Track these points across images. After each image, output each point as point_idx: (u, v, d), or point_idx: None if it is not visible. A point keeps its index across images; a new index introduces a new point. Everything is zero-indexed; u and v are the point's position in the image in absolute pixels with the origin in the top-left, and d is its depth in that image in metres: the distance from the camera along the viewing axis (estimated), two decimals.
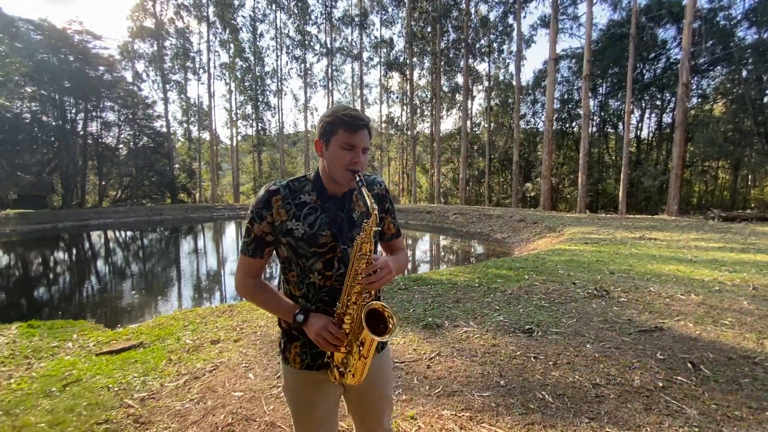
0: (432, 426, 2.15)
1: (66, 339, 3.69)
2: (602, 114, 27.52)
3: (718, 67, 21.24)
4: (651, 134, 26.95)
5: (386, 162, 41.37)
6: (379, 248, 1.30)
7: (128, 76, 30.46)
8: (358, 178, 1.08)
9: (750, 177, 25.55)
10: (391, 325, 1.04)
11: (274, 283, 1.28)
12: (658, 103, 25.74)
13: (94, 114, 28.11)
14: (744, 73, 18.91)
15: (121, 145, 30.74)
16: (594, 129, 27.50)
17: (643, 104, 26.26)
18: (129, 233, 20.08)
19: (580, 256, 7.50)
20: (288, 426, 2.12)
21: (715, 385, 2.52)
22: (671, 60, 22.95)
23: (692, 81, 19.52)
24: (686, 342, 3.23)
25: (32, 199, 23.84)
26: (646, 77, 24.26)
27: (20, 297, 8.56)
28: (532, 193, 27.04)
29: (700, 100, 22.58)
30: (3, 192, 22.43)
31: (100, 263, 12.83)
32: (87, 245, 17.04)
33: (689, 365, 2.79)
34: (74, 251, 15.68)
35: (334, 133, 1.09)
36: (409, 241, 16.32)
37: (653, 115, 26.69)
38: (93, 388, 2.56)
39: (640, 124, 26.77)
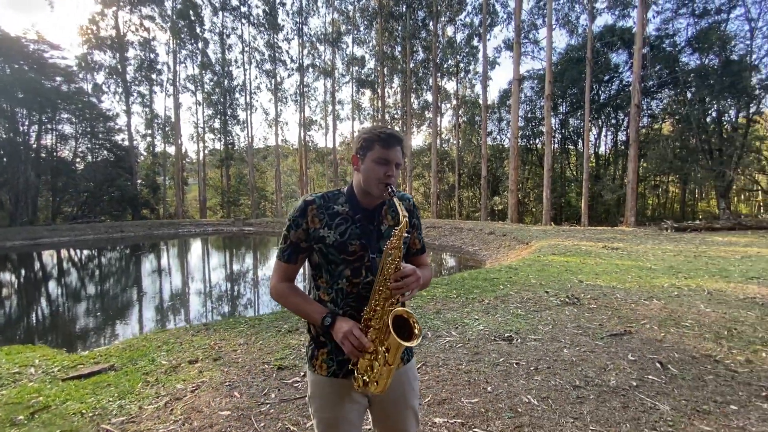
0: None
1: (27, 364, 3.43)
2: (563, 131, 29.05)
3: (666, 90, 23.10)
4: (608, 151, 28.69)
5: None
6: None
7: (88, 87, 29.17)
8: (390, 190, 1.14)
9: (697, 191, 27.62)
10: (416, 331, 1.05)
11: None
12: (614, 121, 27.55)
13: (49, 126, 26.64)
14: (688, 95, 20.64)
15: (78, 159, 29.19)
16: (556, 146, 28.90)
17: (600, 123, 27.98)
18: (86, 252, 18.91)
19: (550, 266, 7.82)
20: None
21: (683, 382, 2.70)
22: (624, 82, 24.70)
23: (643, 102, 21.07)
24: (653, 344, 3.44)
25: None
26: (602, 98, 25.93)
27: None
28: (500, 207, 27.91)
29: (650, 119, 24.37)
30: None
31: (52, 285, 11.97)
32: (38, 266, 15.88)
33: (658, 365, 2.97)
34: (23, 272, 14.55)
35: (370, 149, 1.15)
36: None
37: (609, 133, 28.53)
38: (65, 415, 2.41)
39: (598, 141, 28.47)
